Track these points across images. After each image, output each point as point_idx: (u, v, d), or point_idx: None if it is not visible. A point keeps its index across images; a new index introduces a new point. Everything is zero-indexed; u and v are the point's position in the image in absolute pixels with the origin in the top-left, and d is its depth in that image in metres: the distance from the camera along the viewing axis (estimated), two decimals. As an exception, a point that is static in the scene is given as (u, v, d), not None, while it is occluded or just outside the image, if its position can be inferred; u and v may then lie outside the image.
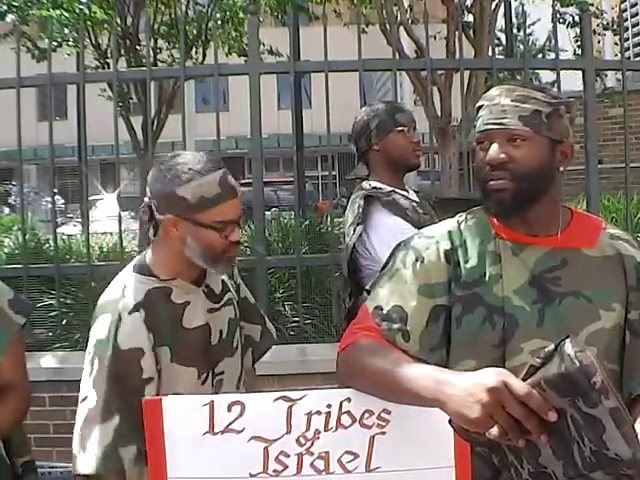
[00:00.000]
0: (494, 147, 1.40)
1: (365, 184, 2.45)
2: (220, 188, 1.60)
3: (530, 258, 1.42)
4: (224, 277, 1.83)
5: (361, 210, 2.34)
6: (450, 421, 1.16)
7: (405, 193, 2.47)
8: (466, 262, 1.44)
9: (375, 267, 1.58)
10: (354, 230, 2.35)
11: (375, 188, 2.41)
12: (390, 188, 2.42)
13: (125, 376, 1.58)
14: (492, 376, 1.10)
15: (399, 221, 2.33)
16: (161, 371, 1.64)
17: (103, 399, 1.56)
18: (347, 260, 2.40)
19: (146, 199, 1.67)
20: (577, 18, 8.20)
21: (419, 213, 2.40)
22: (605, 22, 10.14)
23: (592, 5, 8.66)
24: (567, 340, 1.06)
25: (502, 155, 1.39)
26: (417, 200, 2.50)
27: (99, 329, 1.62)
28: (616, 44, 15.90)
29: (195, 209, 1.60)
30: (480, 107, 1.46)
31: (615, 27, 9.87)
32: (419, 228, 1.65)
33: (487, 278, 1.41)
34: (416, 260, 1.45)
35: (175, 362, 1.66)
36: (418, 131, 2.56)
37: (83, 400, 1.59)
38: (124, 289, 1.67)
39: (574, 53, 8.77)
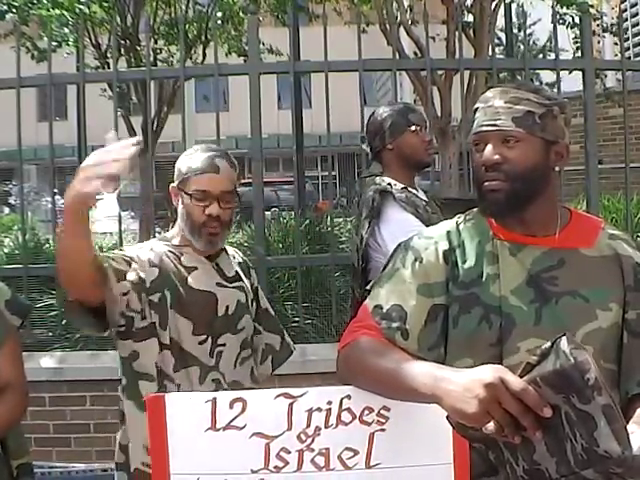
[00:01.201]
0: (488, 148, 1.41)
1: (379, 180, 2.52)
2: (205, 162, 1.86)
3: (527, 258, 1.42)
4: (237, 268, 2.03)
5: (375, 204, 2.43)
6: (447, 417, 1.17)
7: (415, 192, 2.55)
8: (464, 262, 1.44)
9: (384, 260, 1.62)
10: (369, 223, 2.44)
11: (389, 184, 2.49)
12: (402, 185, 2.50)
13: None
14: (489, 372, 1.11)
15: (410, 217, 2.40)
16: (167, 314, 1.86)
17: None
18: (360, 252, 2.49)
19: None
20: (577, 19, 8.20)
21: (429, 212, 2.47)
22: (605, 24, 10.13)
23: (592, 7, 8.64)
24: (563, 337, 1.07)
25: (496, 156, 1.40)
26: (426, 199, 2.58)
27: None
28: (616, 44, 15.84)
29: (183, 178, 1.88)
30: (476, 109, 1.47)
31: (615, 28, 9.86)
32: (428, 226, 1.67)
33: (484, 278, 1.42)
34: (415, 260, 1.46)
35: (175, 310, 1.87)
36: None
37: None
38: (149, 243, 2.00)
39: (574, 56, 8.76)
